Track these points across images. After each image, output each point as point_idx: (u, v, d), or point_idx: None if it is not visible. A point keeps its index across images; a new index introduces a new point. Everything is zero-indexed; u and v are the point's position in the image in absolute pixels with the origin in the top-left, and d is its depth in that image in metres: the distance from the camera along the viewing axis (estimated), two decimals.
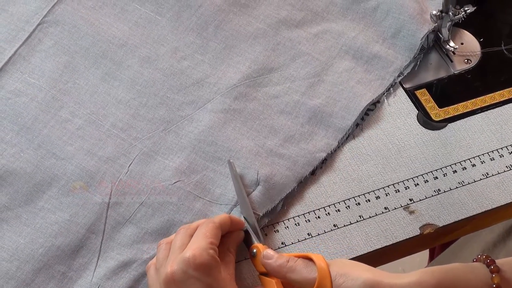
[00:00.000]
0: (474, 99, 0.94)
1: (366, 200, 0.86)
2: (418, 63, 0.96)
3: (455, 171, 0.87)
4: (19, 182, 0.86)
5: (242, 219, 0.82)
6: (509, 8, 1.03)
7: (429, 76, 0.96)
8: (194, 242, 0.75)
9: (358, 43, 0.97)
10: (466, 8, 0.94)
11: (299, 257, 0.75)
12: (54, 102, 0.91)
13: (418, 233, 0.83)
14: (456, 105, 0.93)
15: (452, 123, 0.92)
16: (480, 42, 0.99)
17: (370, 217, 0.85)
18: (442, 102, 0.93)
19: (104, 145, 0.89)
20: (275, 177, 0.86)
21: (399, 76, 0.95)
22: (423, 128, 0.92)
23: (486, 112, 0.93)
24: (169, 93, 0.93)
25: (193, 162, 0.88)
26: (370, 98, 0.93)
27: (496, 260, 0.73)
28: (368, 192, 0.86)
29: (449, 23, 0.95)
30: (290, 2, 1.01)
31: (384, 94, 0.94)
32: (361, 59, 0.96)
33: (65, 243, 0.82)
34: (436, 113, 0.92)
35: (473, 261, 0.75)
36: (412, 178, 0.87)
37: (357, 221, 0.84)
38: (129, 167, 0.87)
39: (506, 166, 0.88)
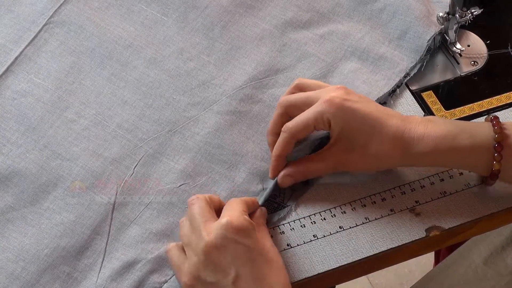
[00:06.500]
0: (481, 101, 0.93)
1: (372, 202, 0.85)
2: (424, 64, 0.96)
3: (461, 173, 0.87)
4: (24, 183, 0.86)
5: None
6: None
7: (435, 78, 0.96)
8: (227, 210, 0.77)
9: (364, 45, 0.97)
10: (472, 10, 0.94)
11: None
12: (60, 102, 0.91)
13: (424, 236, 0.83)
14: (462, 107, 0.93)
15: None
16: (486, 44, 0.98)
17: (375, 219, 0.84)
18: (448, 104, 0.93)
19: (109, 146, 0.88)
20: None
21: (405, 77, 0.95)
22: None
23: (492, 114, 0.92)
24: (175, 94, 0.93)
25: (198, 164, 0.87)
26: (375, 97, 0.92)
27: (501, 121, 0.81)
28: (374, 194, 0.86)
29: (456, 25, 0.95)
30: (296, 3, 1.00)
31: (390, 94, 0.93)
32: (367, 60, 0.96)
33: (70, 244, 0.82)
34: (442, 115, 0.92)
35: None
36: (418, 180, 0.87)
37: (363, 223, 0.84)
38: (134, 168, 0.87)
39: None
